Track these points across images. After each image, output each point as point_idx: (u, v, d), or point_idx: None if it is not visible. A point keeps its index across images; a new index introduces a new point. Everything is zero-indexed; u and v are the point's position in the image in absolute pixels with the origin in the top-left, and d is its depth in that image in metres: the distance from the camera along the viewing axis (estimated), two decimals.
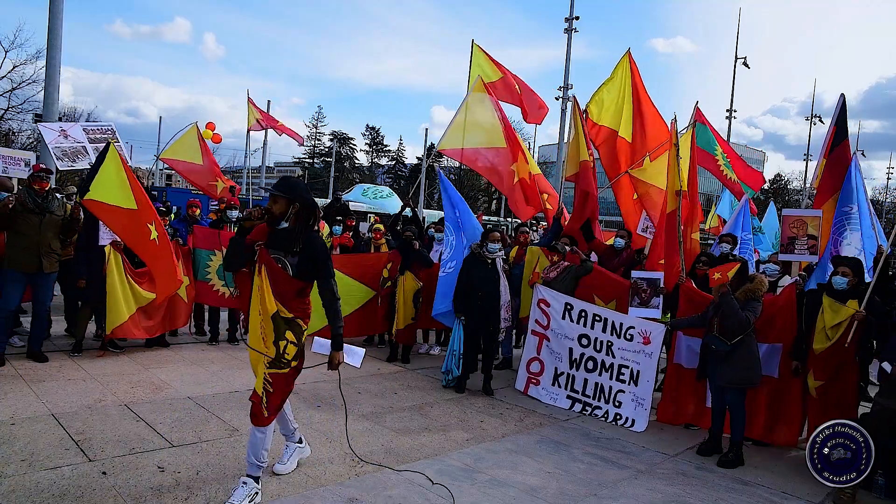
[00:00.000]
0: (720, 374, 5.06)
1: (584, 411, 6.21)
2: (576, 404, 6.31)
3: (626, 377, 6.06)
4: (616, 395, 6.09)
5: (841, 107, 7.12)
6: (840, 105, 7.13)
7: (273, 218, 3.62)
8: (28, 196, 5.91)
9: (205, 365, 6.62)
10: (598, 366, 6.25)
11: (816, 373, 5.33)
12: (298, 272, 3.63)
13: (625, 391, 6.04)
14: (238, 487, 3.54)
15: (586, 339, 6.32)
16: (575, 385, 6.37)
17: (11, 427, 4.33)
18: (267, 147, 29.45)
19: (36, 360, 6.01)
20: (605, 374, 6.21)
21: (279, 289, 3.56)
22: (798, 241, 6.20)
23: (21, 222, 5.83)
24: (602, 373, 6.22)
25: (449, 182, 7.72)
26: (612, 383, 6.14)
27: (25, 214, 5.86)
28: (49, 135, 8.41)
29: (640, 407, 5.91)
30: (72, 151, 8.25)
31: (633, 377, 6.01)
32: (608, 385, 6.17)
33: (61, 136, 8.36)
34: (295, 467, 4.09)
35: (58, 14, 10.63)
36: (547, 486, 4.21)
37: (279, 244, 3.61)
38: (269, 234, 3.64)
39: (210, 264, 7.47)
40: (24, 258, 5.84)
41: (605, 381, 6.20)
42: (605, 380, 6.20)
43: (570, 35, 22.65)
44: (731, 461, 5.02)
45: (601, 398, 6.19)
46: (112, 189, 6.00)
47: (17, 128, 30.07)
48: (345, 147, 72.69)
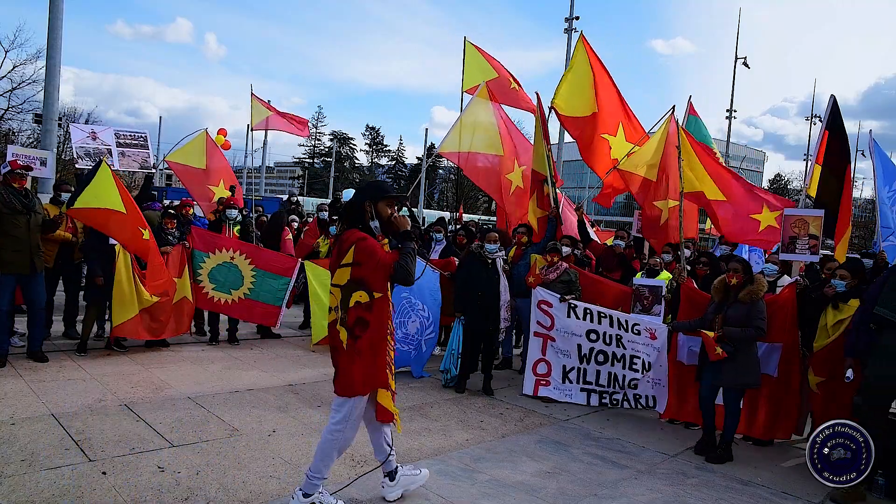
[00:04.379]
0: (723, 375, 5.05)
1: (603, 400, 6.25)
2: (592, 396, 6.31)
3: (639, 366, 6.11)
4: (630, 382, 6.16)
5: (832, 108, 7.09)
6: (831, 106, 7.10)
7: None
8: (13, 196, 5.76)
9: (205, 365, 6.62)
10: (610, 357, 6.26)
11: (816, 369, 5.38)
12: None
13: (639, 378, 6.12)
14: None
15: (595, 333, 6.31)
16: (587, 377, 6.36)
17: (11, 427, 4.33)
18: (267, 147, 29.51)
19: (36, 360, 6.00)
20: (617, 365, 6.23)
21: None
22: (799, 241, 6.18)
23: (9, 224, 5.70)
24: (614, 363, 6.24)
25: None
26: (626, 372, 6.18)
27: (13, 216, 5.73)
28: (77, 134, 8.47)
29: (658, 385, 6.03)
30: (95, 153, 8.28)
31: (646, 366, 6.08)
32: (622, 374, 6.20)
33: (90, 137, 8.41)
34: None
35: (58, 14, 10.65)
36: (547, 486, 4.21)
37: None
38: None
39: (203, 266, 7.41)
40: (15, 260, 5.75)
41: (618, 371, 6.22)
42: (618, 370, 6.22)
43: (569, 35, 22.67)
44: (719, 457, 5.05)
45: (616, 386, 6.23)
46: (101, 196, 6.07)
47: (18, 128, 30.11)
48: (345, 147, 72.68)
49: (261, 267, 7.61)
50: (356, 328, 3.43)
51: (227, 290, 7.49)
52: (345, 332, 3.44)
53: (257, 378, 6.29)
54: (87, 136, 8.41)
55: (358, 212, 3.52)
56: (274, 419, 5.07)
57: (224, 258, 7.47)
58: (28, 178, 6.13)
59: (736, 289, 5.11)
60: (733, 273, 5.11)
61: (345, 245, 3.45)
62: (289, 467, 4.13)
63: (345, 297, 3.44)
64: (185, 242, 7.18)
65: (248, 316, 7.74)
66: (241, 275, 7.53)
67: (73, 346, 6.65)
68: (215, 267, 7.43)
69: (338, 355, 3.50)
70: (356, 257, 3.39)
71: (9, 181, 5.83)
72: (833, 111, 7.22)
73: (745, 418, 5.66)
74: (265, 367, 6.75)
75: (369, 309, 3.43)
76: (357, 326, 3.43)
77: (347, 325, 3.43)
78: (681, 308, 6.04)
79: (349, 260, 3.41)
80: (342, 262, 3.44)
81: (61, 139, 29.54)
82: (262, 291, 7.60)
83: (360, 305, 3.42)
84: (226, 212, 8.03)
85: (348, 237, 3.46)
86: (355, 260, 3.40)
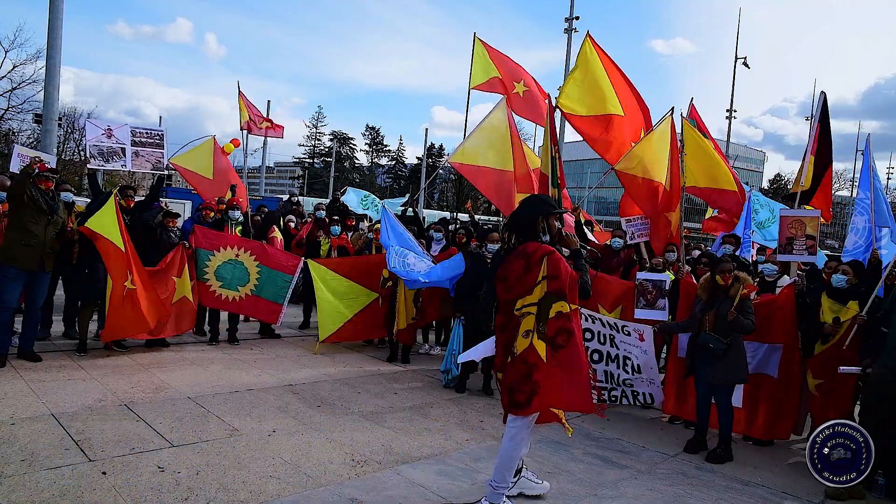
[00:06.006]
0: (714, 372, 5.07)
1: (602, 397, 6.25)
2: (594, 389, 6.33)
3: (630, 368, 6.12)
4: (624, 382, 6.17)
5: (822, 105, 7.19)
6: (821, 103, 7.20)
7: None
8: (40, 195, 5.90)
9: (205, 365, 6.62)
10: (605, 356, 6.25)
11: (814, 372, 5.39)
12: None
13: (632, 379, 6.13)
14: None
15: (589, 332, 6.30)
16: None
17: (11, 427, 4.33)
18: (267, 147, 29.50)
19: (28, 360, 5.99)
20: (612, 364, 6.23)
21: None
22: (796, 242, 6.20)
23: (30, 220, 5.82)
24: (609, 362, 6.24)
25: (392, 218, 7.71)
26: (619, 372, 6.19)
27: (36, 213, 5.86)
28: (93, 131, 8.40)
29: (652, 384, 6.07)
30: (108, 151, 8.25)
31: (636, 369, 6.08)
32: (616, 373, 6.21)
33: (105, 134, 8.36)
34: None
35: (58, 14, 10.64)
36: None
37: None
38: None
39: (209, 265, 7.42)
40: (26, 255, 5.81)
41: (613, 370, 6.23)
42: (613, 368, 6.23)
43: (569, 35, 22.65)
44: (719, 456, 5.05)
45: (612, 383, 6.25)
46: (109, 227, 6.15)
47: (18, 128, 30.12)
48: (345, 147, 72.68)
49: (265, 263, 7.66)
50: (558, 338, 3.37)
51: (234, 286, 7.52)
52: (543, 344, 3.38)
53: (257, 378, 6.29)
54: (102, 134, 8.34)
55: (531, 226, 3.57)
56: (274, 419, 5.07)
57: (229, 255, 7.50)
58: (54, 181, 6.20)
59: (725, 288, 5.16)
60: (727, 274, 5.16)
61: (534, 258, 3.44)
62: (289, 467, 4.13)
63: (543, 309, 3.39)
64: (185, 242, 7.18)
65: (253, 312, 7.87)
66: (247, 271, 7.58)
67: (73, 346, 6.64)
68: (221, 265, 7.46)
69: (535, 372, 3.39)
70: (550, 270, 3.39)
71: (36, 182, 5.97)
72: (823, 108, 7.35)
73: (745, 418, 5.68)
74: (265, 367, 6.75)
75: (570, 320, 3.39)
76: (559, 336, 3.37)
77: (547, 337, 3.38)
78: (680, 304, 6.05)
79: (544, 273, 3.40)
80: (539, 276, 3.41)
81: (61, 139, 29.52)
82: (267, 288, 7.65)
83: (561, 316, 3.38)
84: (228, 212, 8.03)
85: (535, 250, 3.46)
86: (550, 273, 3.39)
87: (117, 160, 8.25)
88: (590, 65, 8.40)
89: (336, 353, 7.76)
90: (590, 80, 8.38)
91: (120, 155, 8.33)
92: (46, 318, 6.96)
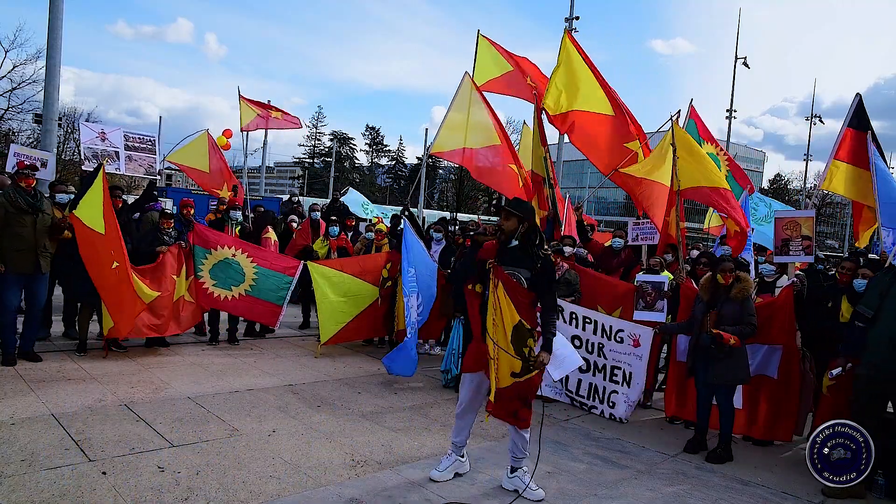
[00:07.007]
0: (715, 373, 5.07)
1: (583, 409, 6.25)
2: (574, 402, 6.35)
3: (619, 378, 6.07)
4: (610, 396, 6.12)
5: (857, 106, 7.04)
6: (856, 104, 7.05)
7: (504, 235, 3.91)
8: (19, 196, 5.79)
9: (205, 365, 6.62)
10: (591, 367, 6.24)
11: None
12: (531, 285, 3.91)
13: (618, 392, 6.07)
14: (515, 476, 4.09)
15: (578, 340, 6.29)
16: (569, 385, 6.39)
17: (11, 427, 4.33)
18: (267, 147, 29.47)
19: (28, 360, 5.98)
20: (598, 375, 6.21)
21: (518, 301, 3.80)
22: (793, 243, 6.20)
23: (15, 223, 5.73)
24: (595, 374, 6.23)
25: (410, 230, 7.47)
26: (606, 384, 6.15)
27: (19, 215, 5.75)
28: (87, 134, 8.44)
29: (629, 408, 6.04)
30: (103, 154, 8.26)
31: (626, 378, 6.03)
32: (602, 385, 6.18)
33: (99, 137, 8.38)
34: (451, 478, 4.20)
35: (58, 14, 10.61)
36: (547, 486, 4.20)
37: (513, 261, 3.90)
38: (500, 251, 3.93)
39: (204, 263, 7.39)
40: (20, 259, 5.77)
41: (598, 382, 6.21)
42: (598, 380, 6.21)
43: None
44: (719, 456, 5.05)
45: (595, 398, 6.21)
46: (90, 210, 5.96)
47: (18, 128, 30.11)
48: (345, 147, 72.64)
49: (262, 265, 7.61)
50: None
51: (228, 286, 7.48)
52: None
53: (257, 378, 6.29)
54: (96, 137, 8.36)
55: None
56: (274, 419, 5.07)
57: (225, 255, 7.47)
58: (35, 177, 6.12)
59: (727, 288, 5.15)
60: (728, 273, 5.15)
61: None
62: (289, 467, 4.13)
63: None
64: (181, 242, 7.17)
65: (249, 314, 7.73)
66: (243, 271, 7.52)
67: (73, 346, 6.64)
68: (216, 263, 7.43)
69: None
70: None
71: (16, 181, 5.89)
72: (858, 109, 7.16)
73: (745, 418, 5.68)
74: (265, 367, 6.75)
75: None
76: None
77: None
78: (680, 308, 6.04)
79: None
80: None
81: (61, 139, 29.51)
82: (264, 289, 7.60)
83: None
84: (229, 212, 8.03)
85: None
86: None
87: (111, 163, 8.25)
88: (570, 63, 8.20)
89: (336, 354, 7.75)
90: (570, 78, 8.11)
91: (114, 158, 8.34)
92: (46, 317, 6.95)
